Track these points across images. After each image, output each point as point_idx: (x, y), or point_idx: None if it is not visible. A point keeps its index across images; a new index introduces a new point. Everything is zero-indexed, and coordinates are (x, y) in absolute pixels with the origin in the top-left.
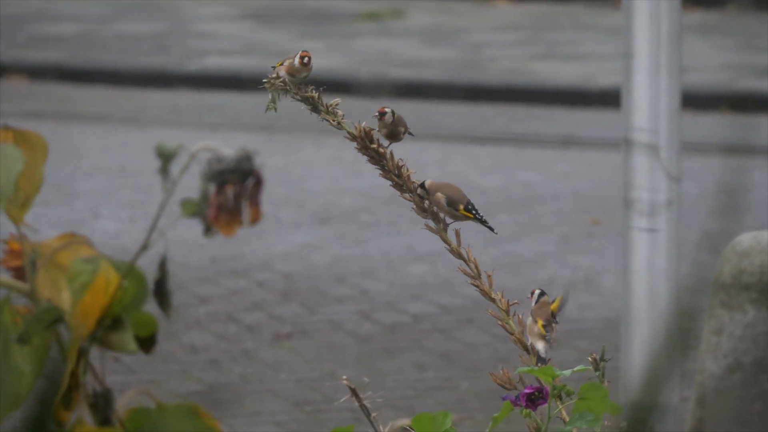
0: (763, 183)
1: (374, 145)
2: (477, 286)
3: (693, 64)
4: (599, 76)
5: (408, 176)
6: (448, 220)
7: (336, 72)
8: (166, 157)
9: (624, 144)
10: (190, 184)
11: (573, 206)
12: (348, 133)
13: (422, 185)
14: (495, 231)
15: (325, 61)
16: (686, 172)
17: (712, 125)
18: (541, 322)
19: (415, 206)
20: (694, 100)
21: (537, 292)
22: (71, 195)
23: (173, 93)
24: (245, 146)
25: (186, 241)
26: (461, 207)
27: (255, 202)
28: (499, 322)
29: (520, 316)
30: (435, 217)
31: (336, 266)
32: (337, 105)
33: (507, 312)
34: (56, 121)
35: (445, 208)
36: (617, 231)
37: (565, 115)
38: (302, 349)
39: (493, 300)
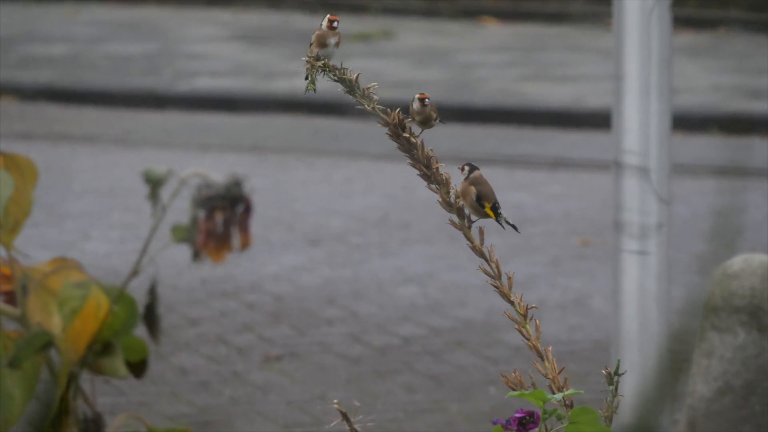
0: (755, 205)
1: (406, 134)
2: (497, 288)
3: (684, 86)
4: (590, 97)
5: (437, 168)
6: (473, 217)
7: (326, 93)
8: (154, 182)
9: (615, 166)
10: (180, 207)
11: (563, 228)
12: (381, 118)
13: (472, 166)
14: (519, 231)
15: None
16: (676, 194)
17: (703, 147)
18: (488, 205)
19: (441, 199)
20: (684, 122)
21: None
22: (61, 216)
23: (164, 114)
24: (235, 172)
25: (176, 263)
26: (488, 205)
27: (244, 228)
28: (516, 326)
29: (537, 322)
30: (460, 214)
31: (326, 288)
32: (374, 88)
33: (525, 316)
34: (46, 142)
35: (472, 202)
36: (608, 253)
37: (556, 137)
38: (292, 371)
39: (511, 302)
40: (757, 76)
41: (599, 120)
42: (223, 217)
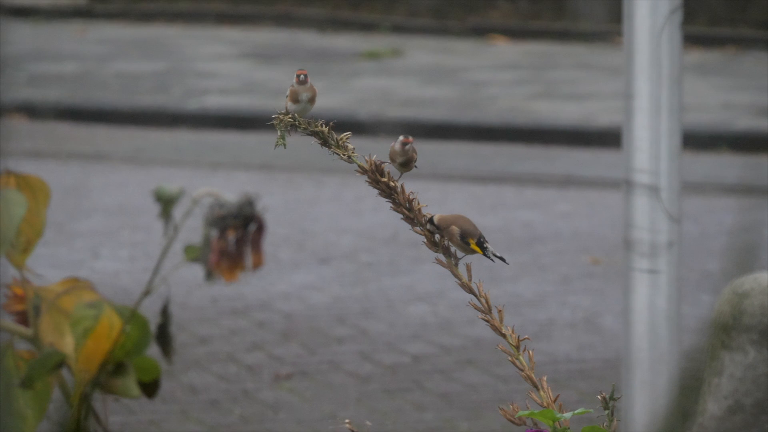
0: (765, 223)
1: (385, 179)
2: (488, 321)
3: (693, 104)
4: (599, 115)
5: (419, 209)
6: (459, 254)
7: (336, 111)
8: (165, 201)
9: (625, 185)
10: (189, 225)
11: (573, 246)
12: (359, 166)
13: (430, 221)
14: (507, 262)
15: (325, 100)
16: (685, 212)
17: (713, 165)
18: (473, 241)
19: (426, 240)
20: (693, 140)
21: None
22: (71, 235)
23: (173, 132)
24: (248, 191)
25: (186, 281)
26: (473, 241)
27: (257, 247)
28: (509, 358)
29: (531, 352)
30: (446, 252)
31: (336, 306)
32: (347, 139)
33: (517, 348)
34: (56, 160)
35: (458, 242)
36: (617, 271)
37: (566, 155)
38: (302, 389)
39: (503, 335)
40: (766, 94)
41: (609, 138)
42: (235, 236)
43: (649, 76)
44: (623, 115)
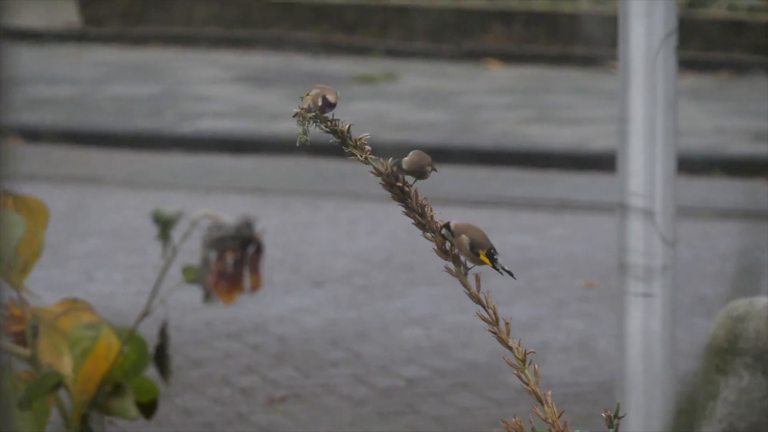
0: (760, 247)
1: (399, 183)
2: (495, 333)
3: (687, 129)
4: (594, 139)
5: (431, 216)
6: (469, 264)
7: (330, 135)
8: (163, 223)
9: (619, 209)
10: (186, 248)
11: (568, 270)
12: (374, 168)
13: (447, 226)
14: (515, 277)
15: None
16: (679, 236)
17: (706, 190)
18: (483, 252)
19: (436, 247)
20: (688, 164)
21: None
22: (66, 257)
23: (168, 155)
24: (246, 213)
25: (180, 304)
26: (482, 252)
27: (255, 269)
28: (515, 371)
29: (537, 366)
30: (456, 260)
31: (330, 330)
32: (366, 139)
33: (523, 361)
34: (51, 183)
35: (467, 252)
36: (612, 295)
37: (560, 179)
38: (296, 412)
39: (510, 348)
40: (761, 119)
41: (603, 162)
42: (233, 258)
43: (644, 99)
44: (618, 138)
